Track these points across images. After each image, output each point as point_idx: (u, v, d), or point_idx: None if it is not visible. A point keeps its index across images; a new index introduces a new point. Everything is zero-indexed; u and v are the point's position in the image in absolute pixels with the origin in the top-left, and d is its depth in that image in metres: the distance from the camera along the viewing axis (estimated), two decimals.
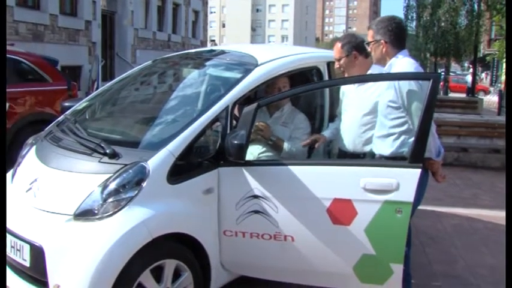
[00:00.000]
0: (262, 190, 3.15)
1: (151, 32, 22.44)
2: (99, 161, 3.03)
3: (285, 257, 3.24)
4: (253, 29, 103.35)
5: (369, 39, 3.50)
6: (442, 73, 32.65)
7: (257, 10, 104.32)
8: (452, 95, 29.29)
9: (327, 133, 3.92)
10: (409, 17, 26.15)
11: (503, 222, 5.85)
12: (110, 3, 19.04)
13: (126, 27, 19.52)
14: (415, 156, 2.96)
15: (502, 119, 11.45)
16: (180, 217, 3.05)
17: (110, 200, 2.86)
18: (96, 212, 2.84)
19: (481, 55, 38.78)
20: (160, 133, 3.34)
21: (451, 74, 36.50)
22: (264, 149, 3.82)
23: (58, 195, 3.00)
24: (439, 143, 3.40)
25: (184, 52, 5.06)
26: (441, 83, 29.02)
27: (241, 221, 3.21)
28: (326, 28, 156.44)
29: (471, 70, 28.55)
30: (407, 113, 3.22)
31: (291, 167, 3.13)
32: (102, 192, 2.88)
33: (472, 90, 21.52)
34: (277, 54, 3.92)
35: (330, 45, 5.91)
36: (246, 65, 3.71)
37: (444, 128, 9.75)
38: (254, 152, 3.77)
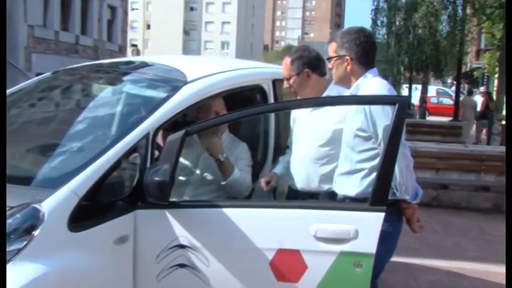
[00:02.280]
0: (190, 239, 3.19)
1: (53, 31, 22.11)
2: None
3: None
4: (186, 33, 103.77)
5: (331, 53, 3.61)
6: (417, 88, 33.34)
7: (191, 9, 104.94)
8: (431, 118, 29.98)
9: (278, 169, 4.04)
10: (378, 22, 26.81)
11: (493, 279, 6.01)
12: None
13: (17, 24, 19.12)
14: (378, 196, 3.07)
15: (492, 149, 11.59)
16: (84, 274, 3.01)
17: None
18: None
19: (468, 69, 39.87)
20: (61, 166, 3.34)
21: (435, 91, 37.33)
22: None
23: None
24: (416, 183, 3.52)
25: (96, 63, 5.08)
26: (417, 104, 29.85)
27: (162, 278, 3.22)
28: (277, 33, 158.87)
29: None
30: (380, 144, 3.33)
31: (226, 210, 3.20)
32: None
33: (455, 113, 22.16)
34: (212, 70, 4.02)
35: (282, 55, 6.00)
36: (173, 82, 3.78)
37: (419, 160, 9.90)
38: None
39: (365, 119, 3.34)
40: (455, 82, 27.01)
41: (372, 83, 3.46)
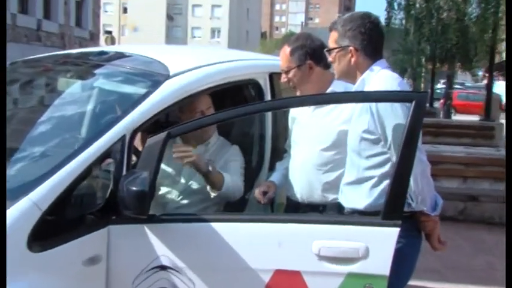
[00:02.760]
0: (174, 258, 3.22)
1: (9, 13, 21.99)
2: None
3: None
4: (169, 18, 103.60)
5: (331, 44, 3.63)
6: (442, 83, 32.99)
7: None
8: (458, 117, 30.01)
9: (276, 178, 4.09)
10: (395, 4, 26.61)
11: None
12: None
13: None
14: (391, 208, 3.08)
15: None
16: None
17: None
18: None
19: (503, 59, 39.45)
20: (20, 174, 3.35)
21: (456, 87, 37.27)
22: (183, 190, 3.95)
23: None
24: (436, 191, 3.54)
25: (62, 53, 5.11)
26: (442, 101, 29.81)
27: None
28: (277, 18, 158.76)
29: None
30: (390, 148, 3.35)
31: (215, 225, 3.22)
32: None
33: (486, 109, 22.11)
34: (199, 62, 4.04)
35: (281, 44, 6.00)
36: (153, 76, 3.81)
37: (444, 166, 10.01)
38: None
39: (372, 120, 3.35)
40: (487, 75, 26.83)
41: (380, 77, 3.48)
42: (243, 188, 4.05)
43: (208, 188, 3.93)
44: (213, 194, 3.93)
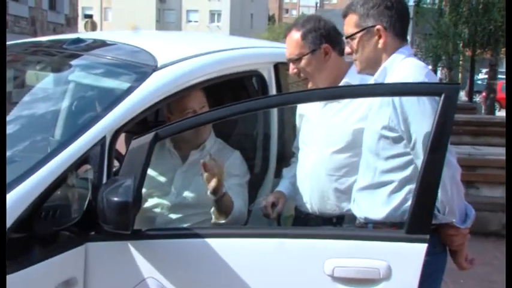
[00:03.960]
0: (163, 281, 3.23)
1: None
2: None
3: None
4: None
5: (351, 29, 3.59)
6: (483, 73, 32.61)
7: None
8: (503, 113, 29.86)
9: (284, 187, 4.12)
10: None
11: None
12: None
13: None
14: (418, 220, 3.08)
15: None
16: None
17: None
18: None
19: None
20: None
21: (501, 77, 37.12)
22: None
23: None
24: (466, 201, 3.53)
25: (32, 40, 5.12)
26: (484, 94, 29.69)
27: None
28: None
29: None
30: (413, 148, 3.35)
31: (212, 241, 3.23)
32: None
33: None
34: (192, 50, 4.05)
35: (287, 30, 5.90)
36: (139, 68, 3.83)
37: (485, 171, 10.06)
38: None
39: (394, 114, 3.33)
40: None
41: (404, 66, 3.46)
42: (246, 211, 4.03)
43: (213, 216, 3.88)
44: (216, 220, 3.88)
